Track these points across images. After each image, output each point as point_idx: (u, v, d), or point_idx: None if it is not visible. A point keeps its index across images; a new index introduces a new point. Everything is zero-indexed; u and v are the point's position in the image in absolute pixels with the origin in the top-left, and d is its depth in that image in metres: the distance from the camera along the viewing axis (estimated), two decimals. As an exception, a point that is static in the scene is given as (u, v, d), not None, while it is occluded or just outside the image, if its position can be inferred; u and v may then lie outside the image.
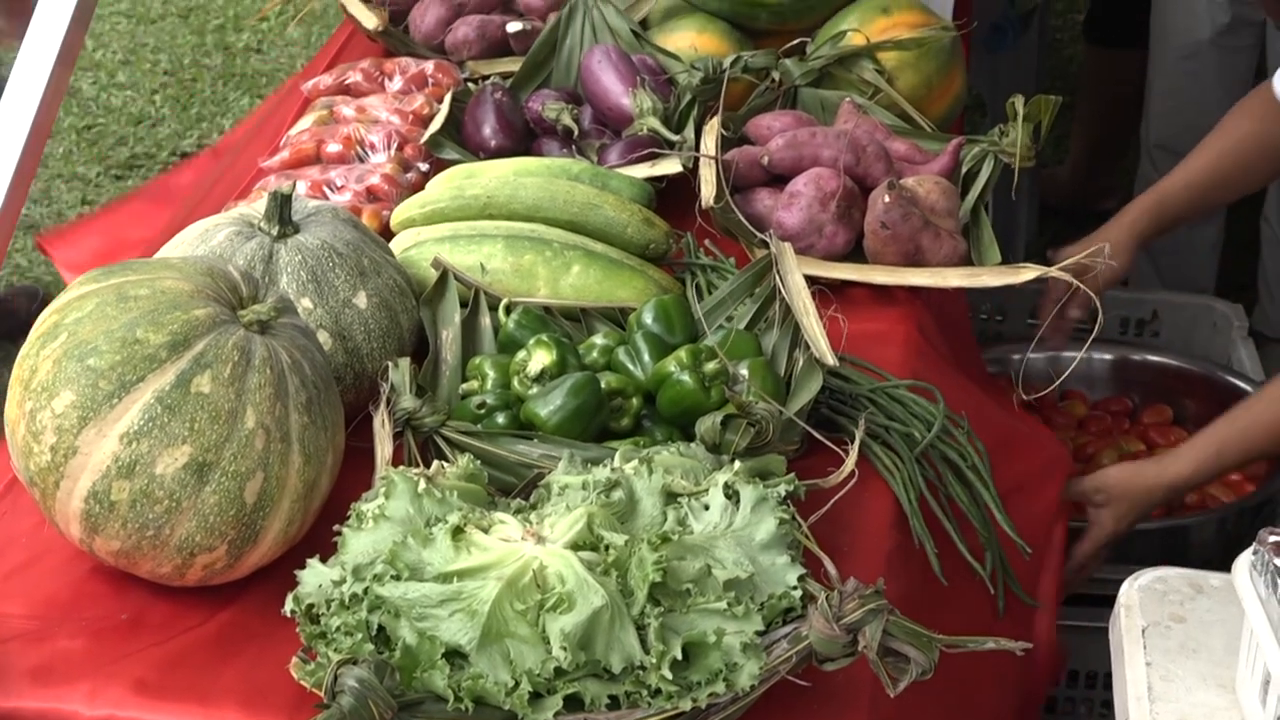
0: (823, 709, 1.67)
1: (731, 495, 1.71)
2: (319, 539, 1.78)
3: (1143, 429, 3.28)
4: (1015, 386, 2.47)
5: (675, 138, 2.59)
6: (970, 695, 1.97)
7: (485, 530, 1.65)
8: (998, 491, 2.10)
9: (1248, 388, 3.24)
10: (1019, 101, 2.52)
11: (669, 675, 1.53)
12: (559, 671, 1.54)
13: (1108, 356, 3.45)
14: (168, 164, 5.25)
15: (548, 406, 1.95)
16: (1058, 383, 2.27)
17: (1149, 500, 2.53)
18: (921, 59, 2.75)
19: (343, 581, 1.63)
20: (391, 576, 1.60)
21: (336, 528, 1.71)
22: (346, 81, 2.88)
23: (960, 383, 2.34)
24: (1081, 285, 2.39)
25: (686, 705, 1.53)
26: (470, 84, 2.87)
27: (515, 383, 2.03)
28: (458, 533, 1.64)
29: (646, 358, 2.05)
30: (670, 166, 2.54)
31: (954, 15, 3.00)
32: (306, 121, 2.77)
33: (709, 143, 2.52)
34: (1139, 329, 3.64)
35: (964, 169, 2.57)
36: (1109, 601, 1.86)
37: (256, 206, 2.10)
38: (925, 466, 2.07)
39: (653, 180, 2.53)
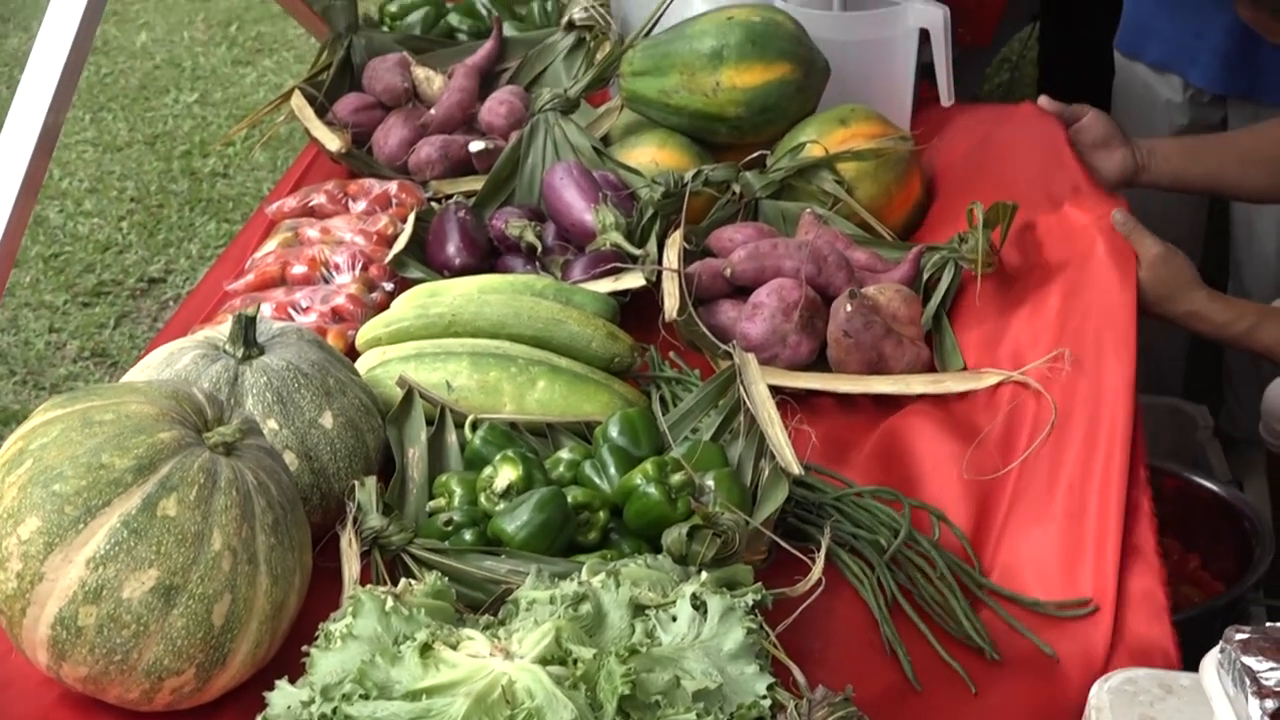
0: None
1: (699, 606, 1.71)
2: (288, 660, 1.77)
3: (1112, 531, 3.28)
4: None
5: (638, 252, 2.60)
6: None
7: (453, 647, 1.65)
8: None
9: (1216, 489, 3.26)
10: (978, 208, 2.54)
11: (640, 788, 1.53)
12: (530, 787, 1.53)
13: (1074, 460, 3.45)
14: (135, 290, 5.26)
15: (514, 522, 1.96)
16: (1006, 469, 2.25)
17: (1179, 279, 2.64)
18: (880, 169, 2.78)
19: (311, 702, 1.61)
20: (360, 696, 1.59)
21: (305, 648, 1.70)
22: (311, 203, 2.90)
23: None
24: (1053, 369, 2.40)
25: (658, 818, 1.53)
26: (434, 203, 2.89)
27: (482, 499, 2.03)
28: (426, 650, 1.63)
29: (613, 471, 2.05)
30: (634, 280, 2.56)
31: (911, 125, 3.03)
32: (271, 244, 2.78)
33: (671, 256, 2.54)
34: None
35: (925, 276, 2.59)
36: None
37: (222, 329, 2.11)
38: (896, 570, 2.07)
39: (616, 294, 2.54)
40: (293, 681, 1.68)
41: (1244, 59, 3.69)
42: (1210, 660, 1.63)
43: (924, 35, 2.99)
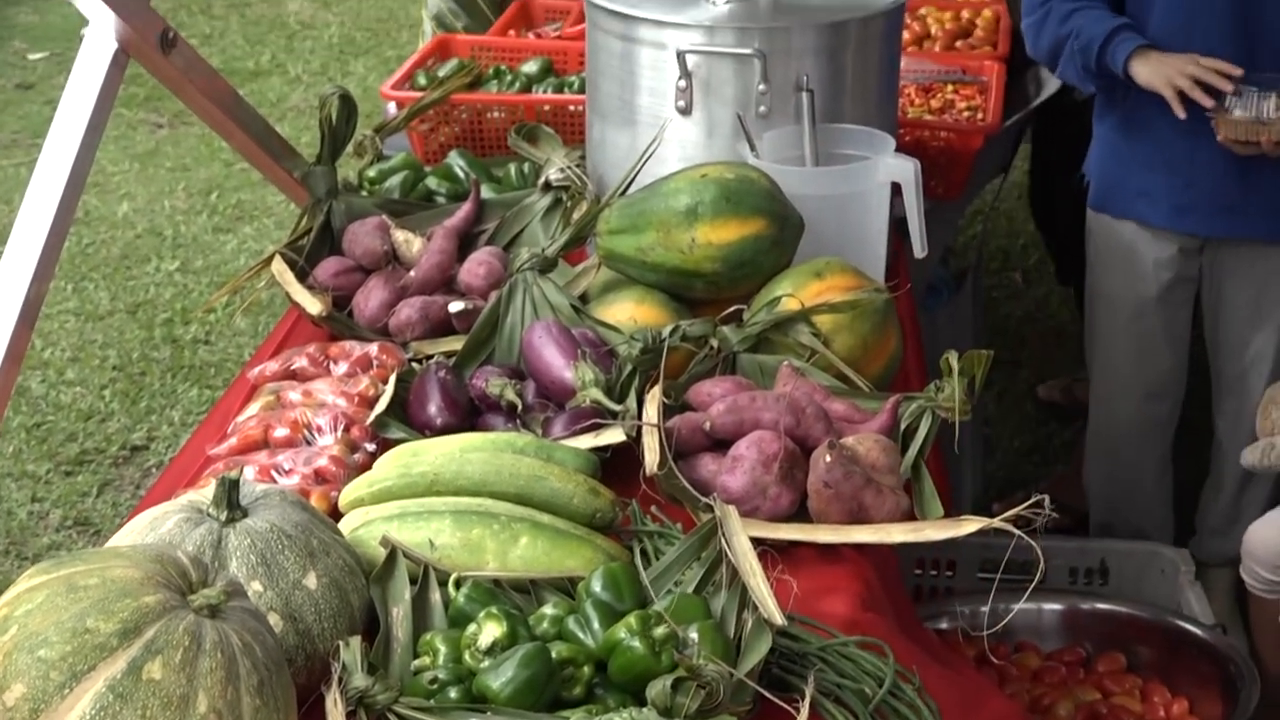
0: None
1: (685, 758, 1.71)
2: (274, 823, 1.76)
3: (1097, 678, 3.29)
4: (965, 640, 2.48)
5: (618, 408, 2.62)
6: None
7: (440, 805, 1.65)
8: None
9: (1199, 632, 3.27)
10: (953, 357, 2.57)
11: None
12: None
13: (1058, 606, 3.47)
14: (118, 458, 5.27)
15: (500, 679, 1.96)
16: (996, 628, 2.27)
17: None
18: (856, 320, 2.81)
19: None
20: None
21: (291, 810, 1.70)
22: (292, 367, 2.92)
23: (907, 639, 2.36)
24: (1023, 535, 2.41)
25: None
26: (415, 364, 2.91)
27: (467, 656, 2.03)
28: (413, 809, 1.63)
29: (596, 626, 2.06)
30: (614, 436, 2.58)
31: (886, 277, 3.07)
32: (253, 408, 2.80)
33: (651, 411, 2.55)
34: (1088, 578, 3.67)
35: (903, 425, 2.62)
36: None
37: (205, 493, 2.12)
38: (881, 721, 2.07)
39: (597, 450, 2.56)
40: (279, 844, 1.68)
41: (1217, 200, 3.77)
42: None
43: (896, 188, 3.04)
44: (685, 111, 3.15)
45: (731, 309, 2.84)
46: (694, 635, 1.99)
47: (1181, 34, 3.66)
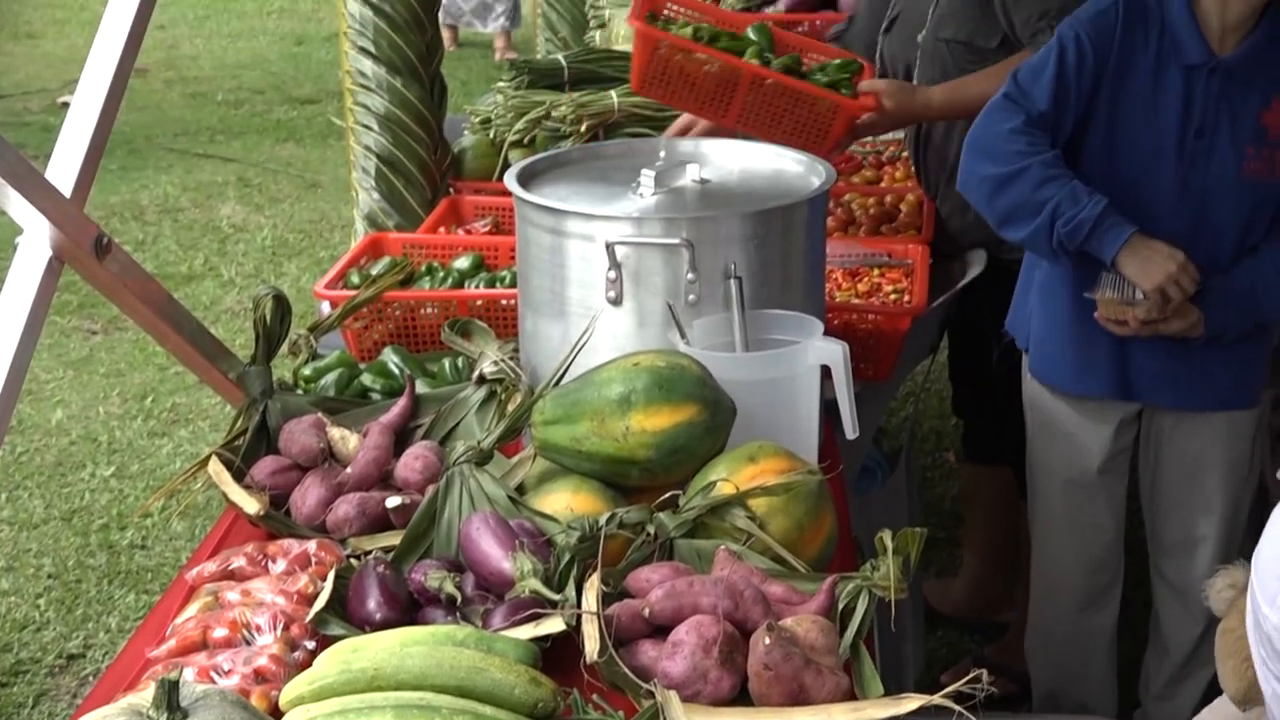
0: None
1: None
2: None
3: None
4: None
5: (556, 597, 2.63)
6: None
7: None
8: None
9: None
10: (887, 536, 2.60)
11: None
12: None
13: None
14: (54, 667, 5.21)
15: None
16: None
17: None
18: (791, 503, 2.83)
19: None
20: None
21: None
22: (231, 567, 2.92)
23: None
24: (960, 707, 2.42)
25: None
26: (353, 560, 2.91)
27: None
28: None
29: (541, 816, 2.05)
30: (554, 626, 2.58)
31: (819, 459, 3.10)
32: (192, 609, 2.79)
33: (590, 599, 2.56)
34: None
35: (840, 605, 2.63)
36: None
37: (145, 695, 2.11)
38: None
39: (538, 640, 2.56)
40: None
41: (1156, 371, 3.83)
42: None
43: (826, 371, 3.08)
44: (616, 302, 3.19)
45: (667, 495, 2.86)
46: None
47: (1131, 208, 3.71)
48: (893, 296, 4.16)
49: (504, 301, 3.87)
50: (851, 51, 4.63)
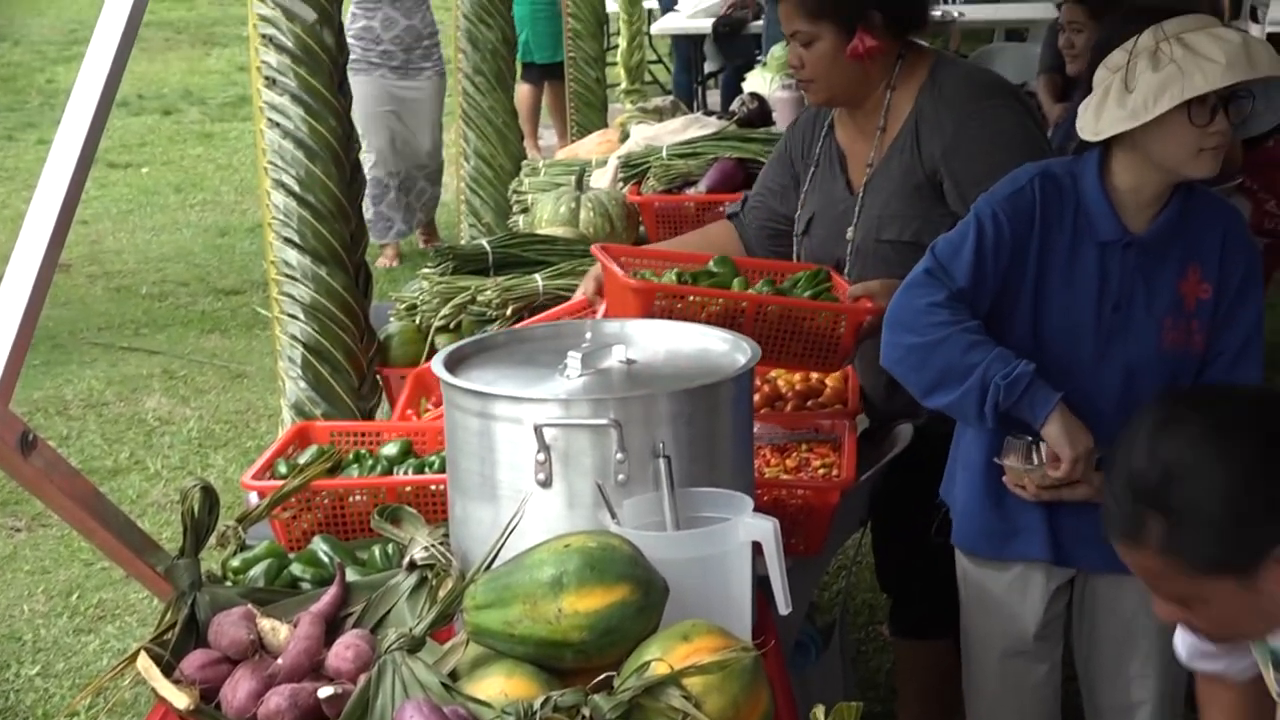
0: None
1: None
2: None
3: None
4: None
5: (493, 783, 2.61)
6: None
7: None
8: None
9: None
10: (820, 712, 2.59)
11: None
12: None
13: None
14: None
15: None
16: None
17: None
18: (726, 681, 2.82)
19: None
20: None
21: None
22: (161, 764, 2.88)
23: None
24: None
25: None
26: (286, 752, 2.88)
27: None
28: None
29: None
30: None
31: (753, 636, 3.10)
32: (122, 808, 2.75)
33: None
34: None
35: (779, 784, 2.62)
36: None
37: None
38: None
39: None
40: None
41: (1089, 535, 3.85)
42: None
43: (757, 547, 3.09)
44: (545, 484, 3.20)
45: (602, 677, 2.85)
46: None
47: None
48: (821, 471, 4.17)
49: (433, 487, 3.86)
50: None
